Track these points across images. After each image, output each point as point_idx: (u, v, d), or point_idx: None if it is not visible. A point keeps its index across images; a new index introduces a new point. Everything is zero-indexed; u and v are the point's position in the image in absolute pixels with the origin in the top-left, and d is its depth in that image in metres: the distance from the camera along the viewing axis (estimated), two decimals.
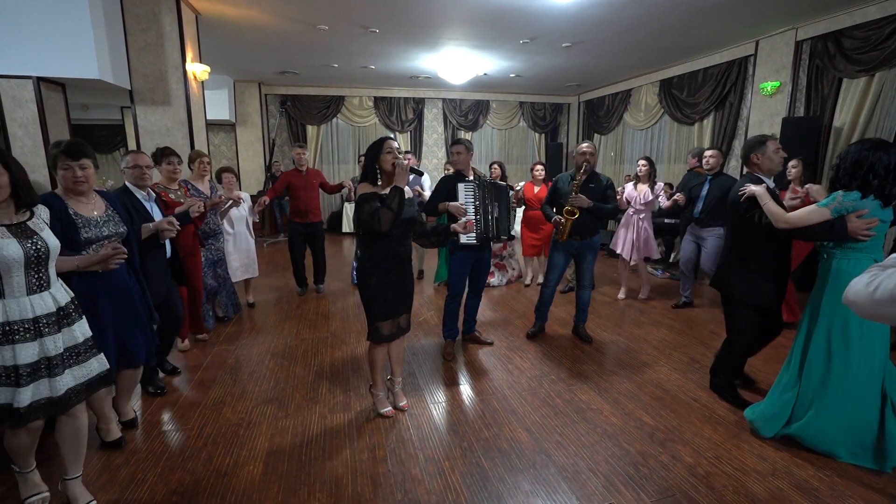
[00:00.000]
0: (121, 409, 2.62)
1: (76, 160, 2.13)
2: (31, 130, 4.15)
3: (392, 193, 2.43)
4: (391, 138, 2.61)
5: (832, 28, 5.11)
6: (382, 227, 2.40)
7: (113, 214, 2.29)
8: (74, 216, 2.14)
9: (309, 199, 4.97)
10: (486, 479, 2.23)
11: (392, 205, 2.41)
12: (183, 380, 3.25)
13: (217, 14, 5.15)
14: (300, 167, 5.00)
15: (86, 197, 2.23)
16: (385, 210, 2.40)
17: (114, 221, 2.29)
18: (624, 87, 8.81)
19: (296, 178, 4.96)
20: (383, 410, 2.76)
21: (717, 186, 4.31)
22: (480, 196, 3.35)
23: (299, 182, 4.95)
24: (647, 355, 3.66)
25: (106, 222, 2.24)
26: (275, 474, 2.26)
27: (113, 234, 2.24)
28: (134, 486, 2.16)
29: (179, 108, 4.83)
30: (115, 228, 2.27)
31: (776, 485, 2.17)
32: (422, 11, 5.05)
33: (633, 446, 2.48)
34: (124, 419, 2.63)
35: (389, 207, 2.40)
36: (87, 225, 2.17)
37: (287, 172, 5.11)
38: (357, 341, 3.91)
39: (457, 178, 3.40)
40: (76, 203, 2.18)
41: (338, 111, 9.67)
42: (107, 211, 2.28)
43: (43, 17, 3.95)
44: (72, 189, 2.17)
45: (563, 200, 3.64)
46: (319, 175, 5.20)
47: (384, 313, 2.59)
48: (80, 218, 2.16)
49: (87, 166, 2.18)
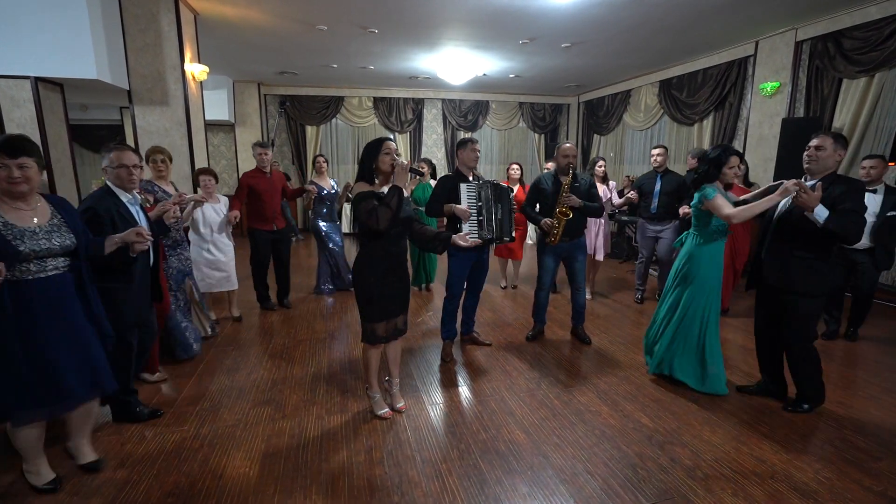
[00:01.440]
0: (76, 448, 2.25)
1: (14, 158, 1.84)
2: (29, 131, 4.13)
3: (391, 192, 2.42)
4: (390, 139, 2.60)
5: (832, 28, 5.10)
6: (381, 225, 2.40)
7: (60, 223, 1.99)
8: (3, 227, 1.84)
9: (275, 204, 4.55)
10: (484, 481, 2.22)
11: (391, 203, 2.40)
12: (179, 381, 3.23)
13: (216, 14, 5.14)
14: (263, 168, 4.51)
15: (25, 202, 1.92)
16: (384, 208, 2.39)
17: (59, 232, 1.96)
18: (623, 87, 8.81)
19: (259, 180, 4.45)
20: (380, 412, 2.75)
21: (667, 183, 4.60)
22: (484, 197, 3.34)
23: (263, 185, 4.45)
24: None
25: (50, 233, 1.92)
26: (271, 476, 2.24)
27: (58, 246, 1.93)
28: (129, 488, 2.15)
29: (178, 108, 4.82)
30: (60, 241, 1.95)
31: (775, 487, 2.16)
32: (421, 12, 5.04)
33: (631, 448, 2.47)
34: (82, 461, 2.24)
35: (388, 206, 2.39)
36: (22, 237, 1.86)
37: (248, 174, 4.51)
38: (355, 342, 3.90)
39: (457, 179, 3.39)
40: (9, 210, 1.88)
41: (337, 111, 9.67)
42: (52, 220, 1.97)
43: (41, 17, 3.94)
44: (7, 191, 1.87)
45: (549, 202, 3.64)
46: (283, 178, 4.79)
47: (379, 314, 2.58)
48: (12, 229, 1.85)
49: (28, 165, 1.88)
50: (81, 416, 2.19)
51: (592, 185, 3.75)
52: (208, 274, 4.08)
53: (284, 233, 4.67)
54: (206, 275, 4.06)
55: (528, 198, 3.85)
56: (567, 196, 3.53)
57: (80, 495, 2.10)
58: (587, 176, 3.81)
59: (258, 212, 4.48)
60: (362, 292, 2.57)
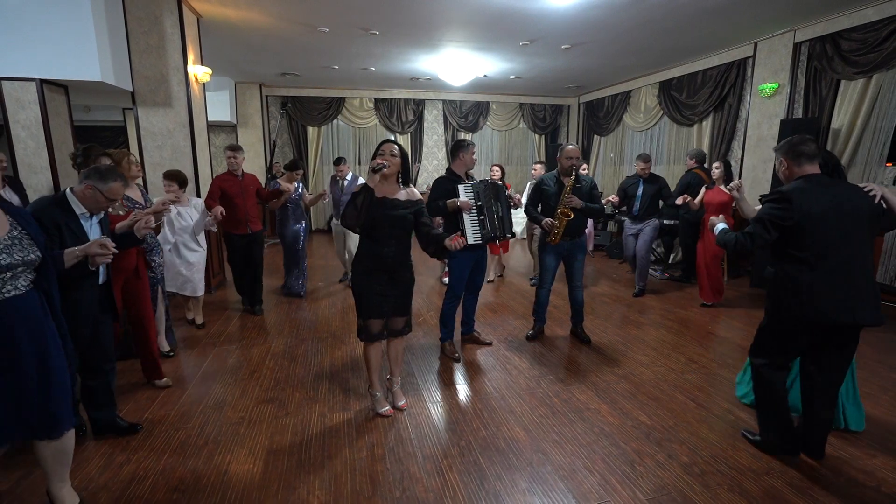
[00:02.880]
0: (51, 493, 1.97)
1: None
2: (34, 132, 4.19)
3: (359, 191, 2.46)
4: (390, 140, 2.64)
5: (830, 30, 5.13)
6: (347, 221, 2.48)
7: (21, 236, 1.75)
8: None
9: (248, 207, 4.43)
10: (484, 477, 2.25)
11: (356, 201, 2.44)
12: (184, 379, 3.28)
13: (218, 16, 5.18)
14: (234, 171, 4.40)
15: None
16: (349, 206, 2.45)
17: (20, 246, 1.73)
18: (623, 88, 8.84)
19: (230, 184, 4.34)
20: (381, 410, 2.79)
21: (650, 187, 5.22)
22: (483, 196, 3.38)
23: (234, 189, 4.35)
24: (645, 356, 3.68)
25: (8, 247, 1.68)
26: (275, 472, 2.28)
27: (19, 262, 1.70)
28: (136, 484, 2.19)
29: (181, 109, 4.87)
30: (22, 255, 1.71)
31: (771, 483, 2.20)
32: (422, 14, 5.08)
33: (629, 445, 2.50)
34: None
35: (353, 203, 2.44)
36: None
37: (219, 177, 4.39)
38: (356, 342, 3.93)
39: (455, 180, 3.42)
40: None
41: (338, 112, 9.71)
42: (11, 232, 1.73)
43: (46, 21, 3.99)
44: None
45: (552, 202, 3.69)
46: (256, 181, 4.64)
47: (367, 311, 2.64)
48: None
49: None
50: (55, 456, 1.90)
51: (594, 187, 3.79)
52: (170, 277, 3.86)
53: (258, 236, 4.57)
54: (169, 277, 3.84)
55: (530, 198, 3.90)
56: (569, 198, 3.57)
57: (87, 490, 2.14)
58: (589, 178, 3.86)
59: (230, 216, 4.33)
60: (353, 288, 2.69)
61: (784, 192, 2.20)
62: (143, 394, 3.03)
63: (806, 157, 2.24)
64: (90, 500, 2.08)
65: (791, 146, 2.28)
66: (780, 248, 2.26)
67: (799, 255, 2.17)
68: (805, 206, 2.14)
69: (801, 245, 2.17)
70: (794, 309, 2.18)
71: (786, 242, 2.22)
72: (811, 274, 2.14)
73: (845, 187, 2.22)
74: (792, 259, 2.20)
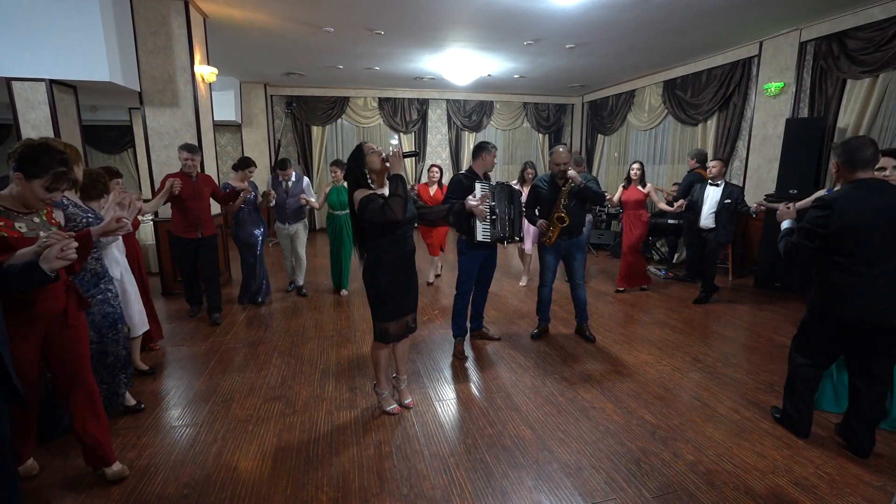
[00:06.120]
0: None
1: None
2: (43, 132, 4.23)
3: (394, 182, 2.46)
4: (365, 142, 2.64)
5: (836, 29, 5.11)
6: (398, 215, 2.42)
7: None
8: None
9: (200, 211, 4.15)
10: (490, 474, 2.27)
11: (398, 191, 2.44)
12: (192, 376, 3.31)
13: (224, 17, 5.21)
14: (188, 172, 4.10)
15: None
16: (394, 198, 2.43)
17: None
18: (627, 87, 8.83)
19: (183, 185, 4.00)
20: (388, 408, 2.81)
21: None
22: (498, 197, 3.41)
23: (187, 191, 4.04)
24: (650, 355, 3.69)
25: None
26: (283, 469, 2.31)
27: None
28: (147, 479, 2.22)
29: (188, 109, 4.90)
30: None
31: (776, 482, 2.21)
32: (427, 14, 5.10)
33: (634, 444, 2.51)
34: None
35: (397, 195, 2.44)
36: None
37: (170, 176, 4.04)
38: (362, 340, 3.96)
39: (473, 179, 3.43)
40: None
41: (342, 112, 9.73)
42: None
43: (56, 22, 4.03)
44: None
45: (547, 204, 3.71)
46: (211, 182, 4.36)
47: (392, 314, 2.63)
48: None
49: None
50: None
51: (592, 179, 3.79)
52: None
53: (210, 240, 4.28)
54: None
55: (528, 200, 3.91)
56: (571, 183, 3.55)
57: (100, 485, 2.17)
58: (589, 175, 3.86)
59: (181, 219, 4.12)
60: (375, 294, 2.61)
61: (826, 200, 2.23)
62: (146, 387, 3.06)
63: (860, 164, 2.23)
64: (101, 494, 2.12)
65: (846, 151, 2.27)
66: (823, 254, 2.30)
67: (843, 261, 2.21)
68: (847, 213, 2.15)
69: (844, 251, 2.20)
70: (839, 312, 2.24)
71: (829, 248, 2.25)
72: (855, 279, 2.18)
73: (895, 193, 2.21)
74: (836, 265, 2.24)
